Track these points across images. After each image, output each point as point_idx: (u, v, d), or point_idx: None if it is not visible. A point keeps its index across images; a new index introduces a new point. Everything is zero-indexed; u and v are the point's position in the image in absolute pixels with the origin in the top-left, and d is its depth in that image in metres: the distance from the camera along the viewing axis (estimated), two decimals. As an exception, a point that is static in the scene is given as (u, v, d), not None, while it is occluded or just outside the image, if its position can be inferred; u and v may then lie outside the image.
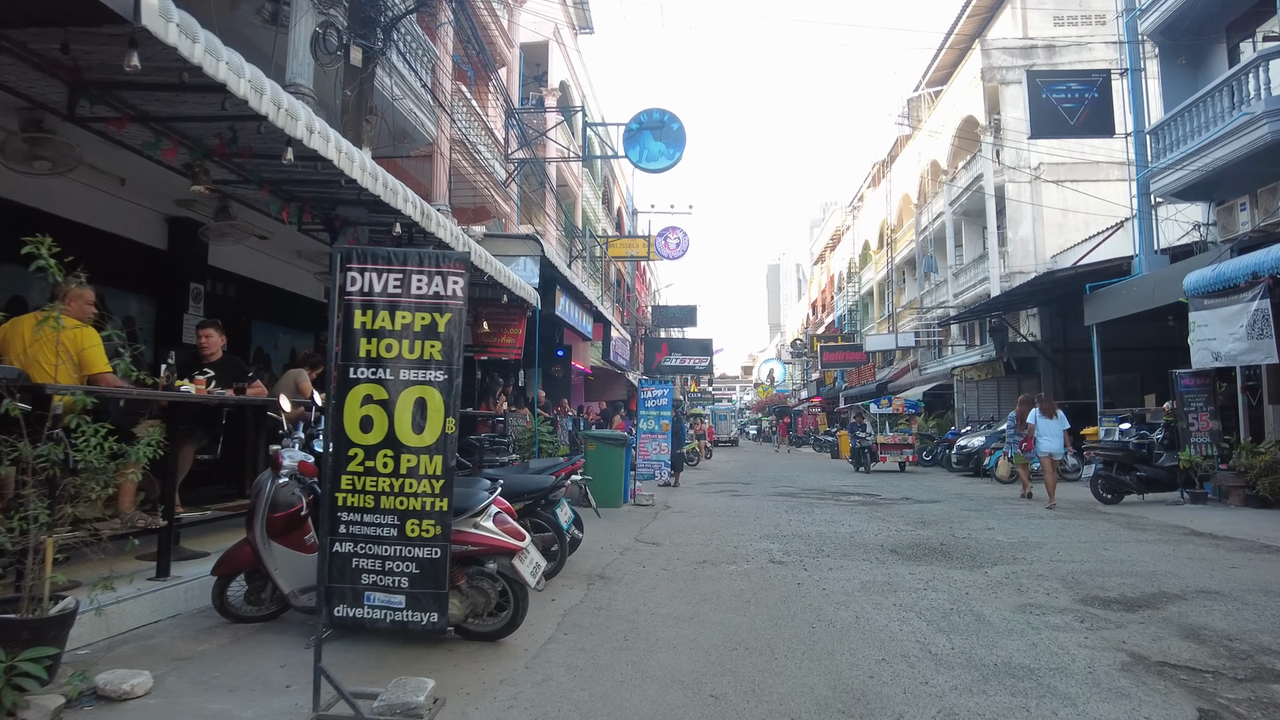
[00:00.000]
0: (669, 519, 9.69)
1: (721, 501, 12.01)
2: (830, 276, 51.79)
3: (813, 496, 12.88)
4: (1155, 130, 14.30)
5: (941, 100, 27.80)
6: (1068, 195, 23.06)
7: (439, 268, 3.21)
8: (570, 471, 6.30)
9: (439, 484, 3.15)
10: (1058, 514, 9.89)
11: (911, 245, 31.71)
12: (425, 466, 3.14)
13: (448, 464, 3.17)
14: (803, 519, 9.61)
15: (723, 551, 7.18)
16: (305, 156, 5.67)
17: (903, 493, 13.41)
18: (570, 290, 14.06)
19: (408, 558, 3.13)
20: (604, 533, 8.28)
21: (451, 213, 12.16)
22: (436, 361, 3.21)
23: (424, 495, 3.13)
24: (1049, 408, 11.21)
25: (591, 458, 10.71)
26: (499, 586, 4.07)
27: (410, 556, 3.13)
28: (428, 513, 3.14)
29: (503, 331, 11.22)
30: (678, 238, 23.04)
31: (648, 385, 11.99)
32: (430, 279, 3.20)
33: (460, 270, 3.25)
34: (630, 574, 6.11)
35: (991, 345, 23.04)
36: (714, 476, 18.81)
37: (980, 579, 5.87)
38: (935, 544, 7.59)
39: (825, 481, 16.49)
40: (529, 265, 11.59)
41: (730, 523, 9.29)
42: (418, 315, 3.18)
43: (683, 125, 14.37)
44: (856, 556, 6.90)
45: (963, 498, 12.40)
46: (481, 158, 13.49)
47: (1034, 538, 7.92)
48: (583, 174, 23.88)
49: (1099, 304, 14.53)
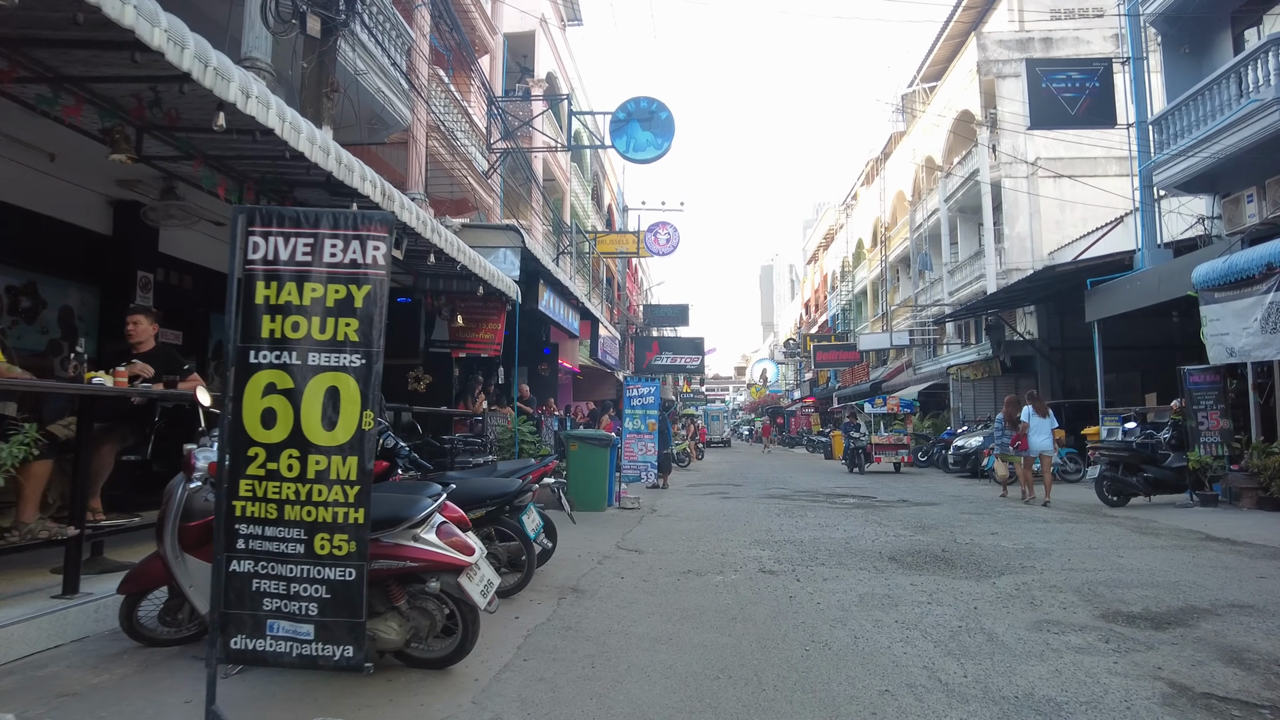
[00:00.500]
0: (654, 523, 9.17)
1: (711, 504, 11.49)
2: (823, 275, 51.39)
3: (806, 499, 12.38)
4: (1158, 120, 13.86)
5: (936, 95, 27.38)
6: (1065, 190, 22.67)
7: (358, 230, 2.68)
8: (542, 474, 5.77)
9: (353, 491, 2.61)
10: (1064, 518, 9.41)
11: (905, 243, 31.29)
12: (337, 470, 2.61)
13: (364, 467, 2.64)
14: (795, 523, 9.10)
15: (709, 560, 6.65)
16: (244, 129, 5.14)
17: (899, 495, 12.92)
18: (555, 285, 13.52)
19: (317, 579, 2.60)
20: (584, 539, 7.75)
21: (428, 203, 11.62)
22: (352, 343, 2.68)
23: (335, 504, 2.60)
24: (1041, 406, 11.22)
25: (574, 459, 10.18)
26: (446, 608, 3.53)
27: (320, 578, 2.60)
28: (340, 526, 2.61)
29: (481, 326, 10.68)
30: (668, 233, 22.51)
31: (633, 383, 11.45)
32: (347, 244, 2.67)
33: (383, 234, 2.72)
34: (606, 586, 5.57)
35: (988, 343, 22.61)
36: (704, 478, 18.31)
37: (989, 591, 5.36)
38: (937, 551, 7.09)
39: (819, 483, 16.00)
40: (509, 257, 11.05)
41: (719, 527, 8.77)
42: (330, 287, 2.66)
43: (671, 114, 13.86)
44: (853, 565, 6.38)
45: (962, 500, 11.91)
46: (460, 145, 12.94)
47: (1041, 544, 7.42)
48: (571, 169, 23.35)
49: (1101, 300, 14.08)
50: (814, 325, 52.04)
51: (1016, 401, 11.92)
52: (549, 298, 13.49)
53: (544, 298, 13.13)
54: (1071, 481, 14.41)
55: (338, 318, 2.66)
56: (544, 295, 13.12)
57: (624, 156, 14.36)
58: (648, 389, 11.32)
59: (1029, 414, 11.29)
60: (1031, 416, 11.21)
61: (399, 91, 10.72)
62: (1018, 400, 11.90)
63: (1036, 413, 11.21)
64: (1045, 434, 11.09)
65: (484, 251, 10.91)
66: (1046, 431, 11.10)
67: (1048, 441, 11.04)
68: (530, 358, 18.32)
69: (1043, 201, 22.50)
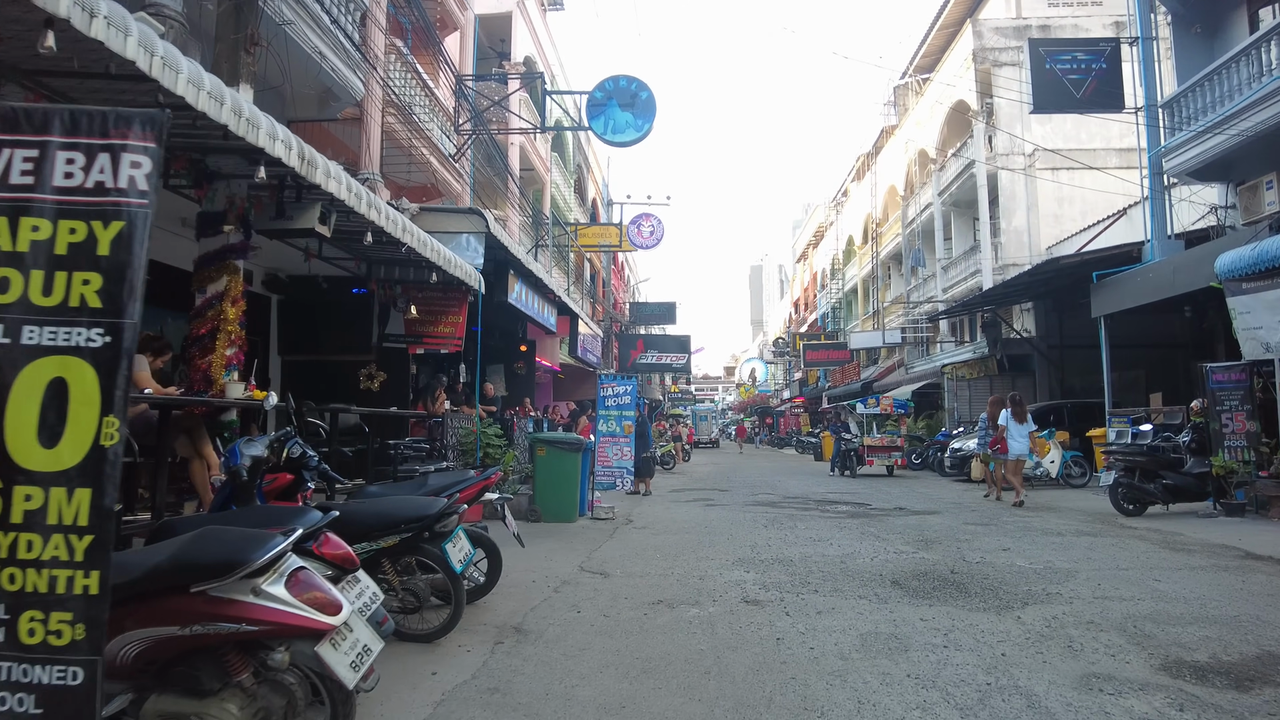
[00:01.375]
0: (627, 537, 8.24)
1: (693, 514, 10.58)
2: (813, 274, 50.63)
3: (795, 506, 11.49)
4: (1169, 103, 13.07)
5: (930, 86, 26.59)
6: (1064, 183, 21.92)
7: (107, 137, 1.76)
8: (479, 490, 4.82)
9: (83, 544, 1.69)
10: (1079, 530, 8.56)
11: (897, 239, 30.51)
12: (59, 509, 1.69)
13: (102, 505, 1.71)
14: (784, 536, 8.19)
15: (685, 585, 5.73)
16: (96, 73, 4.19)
17: (895, 501, 12.06)
18: (527, 276, 12.56)
19: (22, 684, 1.67)
20: (543, 558, 6.82)
21: (382, 184, 10.65)
22: (92, 311, 1.76)
23: (55, 565, 1.68)
24: (1020, 411, 11.33)
25: (542, 465, 9.24)
26: (309, 682, 2.60)
27: (25, 683, 1.67)
28: (60, 599, 1.68)
29: (440, 319, 9.73)
30: (652, 225, 21.58)
31: (608, 381, 10.46)
32: (90, 158, 1.75)
33: (145, 143, 1.80)
34: (557, 624, 4.64)
35: (984, 341, 21.81)
36: (689, 482, 17.40)
37: (1015, 629, 4.47)
38: (945, 572, 6.20)
39: (809, 488, 15.13)
40: (472, 243, 10.10)
41: (699, 542, 7.85)
42: (62, 226, 1.73)
43: (652, 94, 12.93)
44: (851, 592, 5.48)
45: (963, 508, 11.05)
46: (423, 124, 11.96)
47: (1062, 563, 6.55)
48: (551, 159, 22.39)
49: (1108, 294, 13.27)
50: (803, 324, 51.27)
51: (1000, 401, 11.86)
52: (521, 290, 12.53)
53: (515, 290, 12.17)
54: (1077, 486, 13.59)
55: (71, 272, 1.73)
56: (515, 287, 12.16)
57: (602, 139, 13.43)
58: (624, 387, 10.34)
59: (1006, 418, 11.28)
60: (1010, 421, 11.22)
61: (349, 61, 9.75)
62: (1001, 400, 11.84)
63: (1015, 418, 11.23)
64: (1023, 439, 11.23)
65: (445, 238, 9.97)
66: (1024, 436, 11.24)
67: (1024, 446, 11.22)
68: (506, 355, 17.33)
69: (1041, 195, 21.75)
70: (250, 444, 4.05)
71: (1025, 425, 11.29)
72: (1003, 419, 11.39)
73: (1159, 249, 13.00)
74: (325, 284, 10.24)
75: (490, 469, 5.01)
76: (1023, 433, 11.24)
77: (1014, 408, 11.36)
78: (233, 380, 5.97)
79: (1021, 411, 11.36)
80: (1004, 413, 11.45)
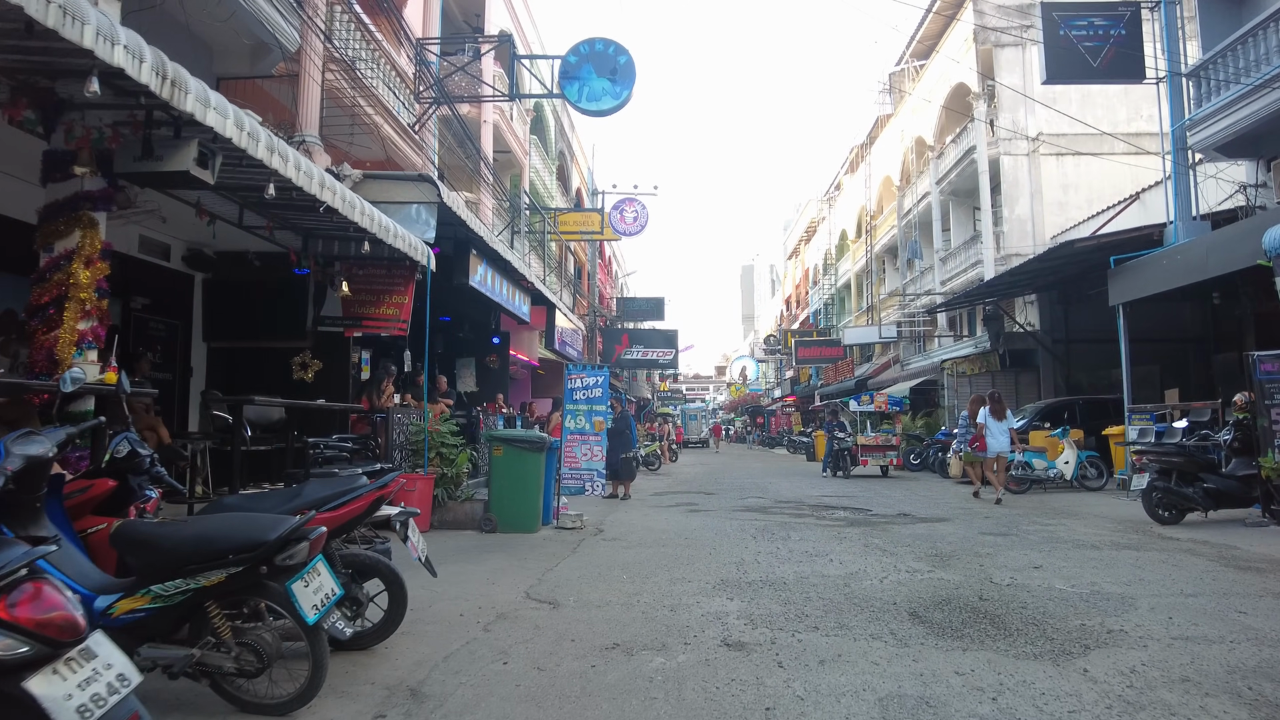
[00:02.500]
0: (593, 552, 7.06)
1: (673, 520, 9.41)
2: (805, 270, 49.58)
3: (788, 511, 10.34)
4: (1195, 72, 12.01)
5: (928, 70, 25.54)
6: (1069, 170, 20.91)
7: None
8: (368, 503, 3.61)
9: None
10: (1114, 541, 7.44)
11: (893, 231, 29.46)
12: None
13: None
14: (776, 550, 7.03)
15: (651, 620, 4.56)
16: None
17: (897, 506, 10.93)
18: (492, 258, 11.36)
19: None
20: (483, 581, 5.64)
21: (321, 148, 9.44)
22: None
23: None
24: (999, 408, 11.41)
25: (498, 467, 8.05)
26: None
27: None
28: None
29: (381, 299, 8.53)
30: (635, 211, 20.36)
31: (576, 372, 9.20)
32: None
33: None
34: (471, 684, 3.46)
35: (985, 336, 20.74)
36: (673, 484, 16.25)
37: (1086, 690, 3.32)
38: (971, 598, 5.06)
39: (802, 490, 13.99)
40: (423, 215, 8.90)
41: (676, 558, 6.68)
42: None
43: (631, 59, 11.74)
44: (860, 628, 4.33)
45: (974, 514, 9.94)
46: (372, 84, 10.74)
47: (1110, 585, 5.42)
48: (530, 141, 21.17)
49: (1128, 279, 12.18)
50: (795, 322, 50.22)
51: (981, 399, 12.03)
52: (486, 273, 11.33)
53: (478, 272, 10.97)
54: (1093, 489, 12.51)
55: None
56: (478, 269, 10.96)
57: (576, 107, 12.22)
58: (594, 379, 9.10)
59: (985, 415, 11.36)
60: (988, 418, 11.29)
61: (282, 4, 8.54)
62: (981, 398, 11.99)
63: (993, 415, 11.30)
64: (1002, 435, 11.24)
65: (392, 209, 8.78)
66: (1004, 433, 11.26)
67: (1003, 442, 11.23)
68: (477, 348, 16.14)
69: (1045, 181, 20.72)
70: (25, 440, 2.85)
71: (1005, 422, 11.31)
72: (981, 416, 11.44)
73: (1183, 230, 11.93)
74: (258, 261, 9.04)
75: (391, 473, 3.80)
76: (1002, 430, 11.26)
77: (993, 405, 11.40)
78: (87, 360, 4.77)
79: (1000, 409, 11.39)
80: (982, 410, 11.51)
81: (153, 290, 8.33)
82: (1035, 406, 16.03)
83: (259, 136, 5.16)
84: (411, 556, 3.71)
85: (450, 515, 8.28)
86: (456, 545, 7.22)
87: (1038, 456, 12.58)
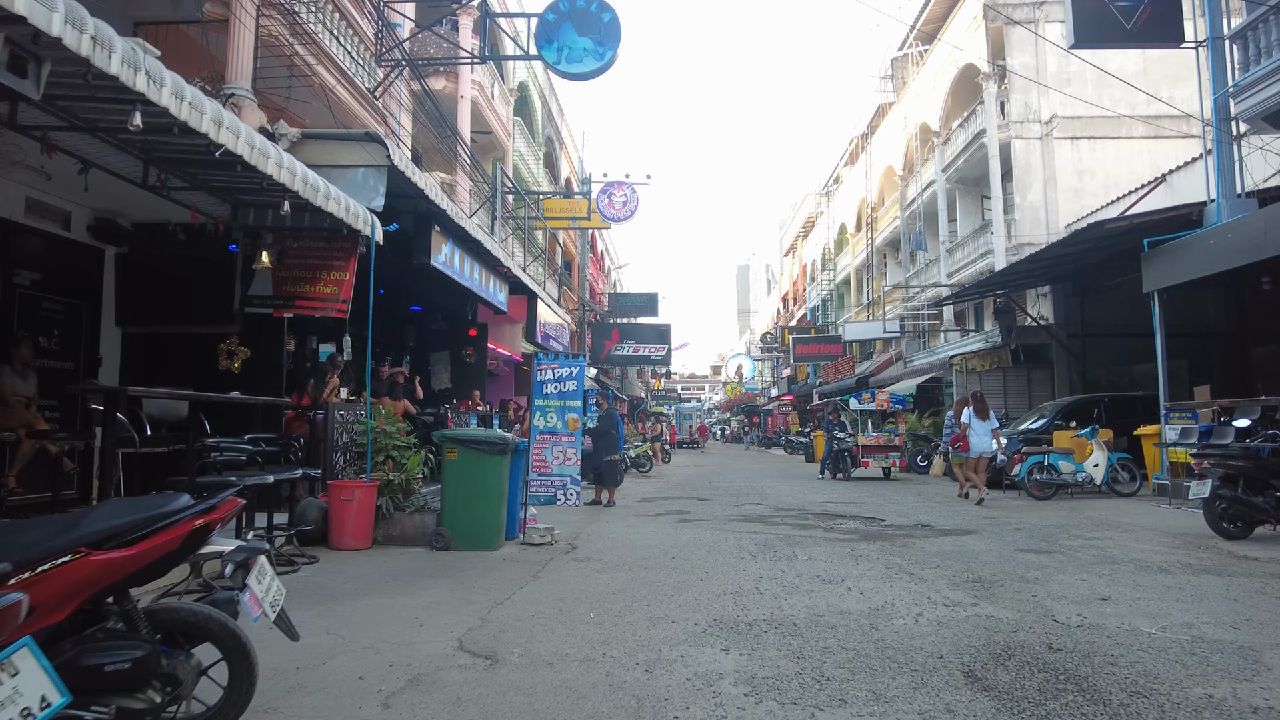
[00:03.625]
0: (559, 577, 5.84)
1: (660, 533, 8.19)
2: (802, 266, 48.43)
3: (791, 521, 9.15)
4: (1240, 34, 10.85)
5: (934, 53, 24.36)
6: (1084, 155, 19.77)
7: None
8: (172, 542, 2.33)
9: None
10: (1182, 561, 6.26)
11: (895, 223, 28.30)
12: None
13: None
14: (781, 575, 5.84)
15: (617, 689, 3.34)
16: None
17: (912, 514, 9.75)
18: (459, 236, 10.14)
19: None
20: (408, 623, 4.42)
21: (255, 104, 8.20)
22: None
23: None
24: (982, 409, 11.43)
25: (451, 473, 6.82)
26: None
27: None
28: None
29: (317, 276, 7.29)
30: (624, 195, 19.11)
31: (545, 361, 7.91)
32: None
33: None
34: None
35: (995, 329, 19.60)
36: (664, 488, 15.04)
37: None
38: (1039, 647, 3.87)
39: (804, 495, 12.79)
40: (370, 180, 7.68)
41: (659, 586, 5.48)
42: None
43: (616, 16, 10.52)
44: (906, 703, 3.12)
45: (1000, 524, 8.76)
46: (313, 33, 9.50)
47: (1209, 626, 4.24)
48: (514, 124, 19.94)
49: (1164, 263, 11.01)
50: (792, 319, 49.05)
51: (965, 400, 12.16)
52: (452, 253, 10.11)
53: (443, 251, 9.75)
54: (1125, 495, 11.34)
55: None
56: (442, 248, 9.74)
57: (554, 70, 10.97)
58: (567, 369, 7.80)
59: (969, 415, 11.40)
60: (972, 418, 11.31)
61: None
62: (966, 399, 12.10)
63: (977, 415, 11.33)
64: (985, 435, 11.28)
65: (335, 173, 7.58)
66: (987, 433, 11.30)
67: (986, 442, 11.28)
68: (452, 341, 14.92)
69: (1059, 166, 19.57)
70: None
71: (988, 423, 11.34)
72: (965, 416, 11.49)
73: (1227, 209, 10.75)
74: (183, 234, 7.80)
75: (220, 495, 2.55)
76: (985, 430, 11.29)
77: (976, 405, 11.45)
78: None
79: (984, 408, 11.44)
80: (966, 410, 11.56)
81: (47, 264, 7.09)
82: (1056, 404, 14.86)
83: (112, 47, 3.94)
84: (251, 616, 2.50)
85: (397, 529, 7.06)
86: (395, 568, 6.00)
87: (1064, 459, 11.41)
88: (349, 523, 6.72)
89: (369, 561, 6.27)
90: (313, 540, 6.89)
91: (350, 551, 6.68)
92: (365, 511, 6.80)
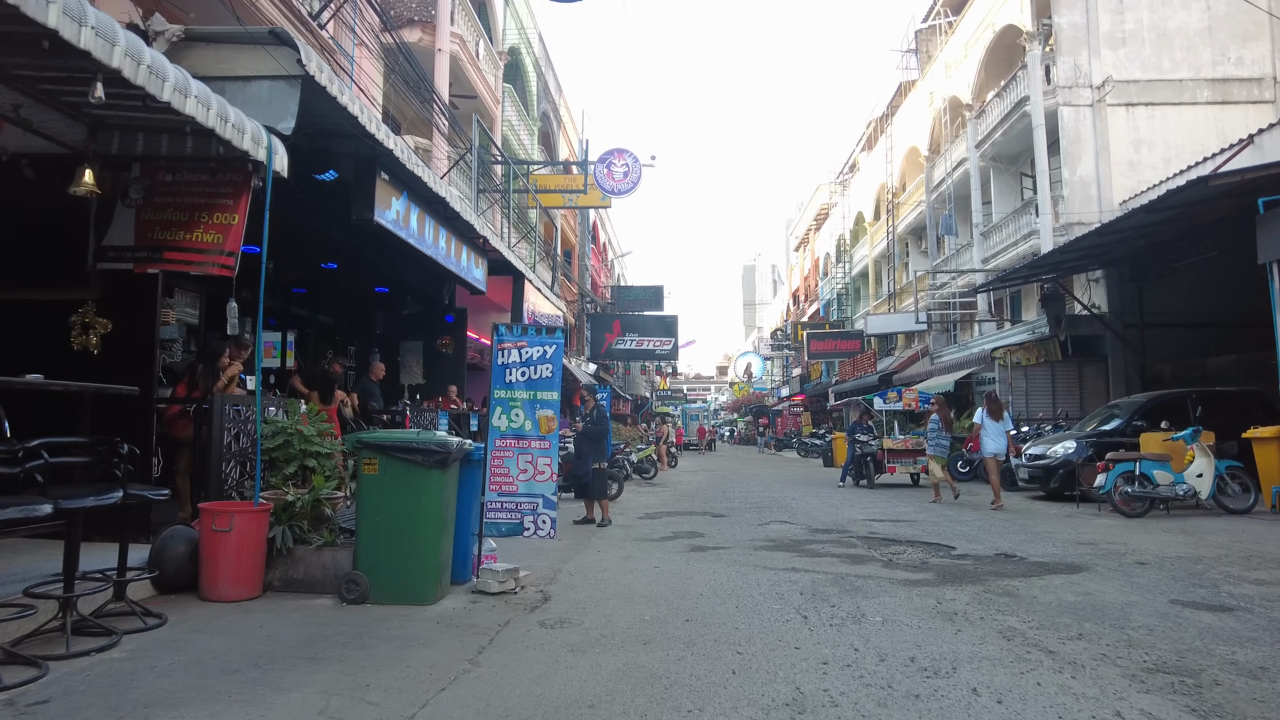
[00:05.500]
0: (512, 664, 3.81)
1: (668, 571, 6.15)
2: (814, 260, 46.33)
3: (835, 549, 7.11)
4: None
5: (965, 18, 22.29)
6: (1140, 124, 17.69)
7: None
8: None
9: None
10: None
11: (920, 208, 26.24)
12: None
13: None
14: (855, 656, 3.80)
15: None
16: None
17: (982, 538, 7.70)
18: (419, 191, 8.14)
19: None
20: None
21: (139, 12, 6.21)
22: None
23: None
24: (996, 409, 11.10)
25: (370, 493, 4.79)
26: None
27: None
28: None
29: (194, 220, 5.28)
30: (625, 165, 17.06)
31: (509, 338, 5.78)
32: None
33: None
34: None
35: (1041, 319, 17.54)
36: (671, 499, 12.97)
37: None
38: None
39: (837, 509, 10.74)
40: (278, 95, 5.66)
41: (668, 685, 3.45)
42: None
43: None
44: None
45: (1111, 554, 6.70)
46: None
47: None
48: (504, 91, 17.96)
49: (1288, 227, 8.96)
50: (804, 316, 46.93)
51: (944, 402, 11.92)
52: (406, 210, 8.09)
53: (392, 207, 7.73)
54: (1237, 512, 9.25)
55: None
56: (392, 203, 7.73)
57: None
58: (538, 348, 5.72)
59: (982, 416, 11.14)
60: (985, 419, 11.02)
61: None
62: (945, 401, 11.87)
63: (990, 415, 11.00)
64: (999, 436, 10.96)
65: (231, 87, 5.61)
66: (1000, 434, 10.97)
67: (999, 444, 10.96)
68: (425, 328, 12.91)
69: (1113, 137, 17.48)
70: None
71: (1001, 423, 10.96)
72: (978, 417, 11.28)
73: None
74: (32, 170, 5.82)
75: None
76: (999, 431, 10.94)
77: (989, 405, 11.17)
78: None
79: (998, 409, 11.11)
80: (979, 411, 11.35)
81: None
82: (1133, 401, 12.79)
83: None
84: None
85: (300, 570, 5.05)
86: (271, 637, 3.99)
87: (1160, 467, 9.35)
88: (224, 563, 4.73)
89: (240, 625, 4.27)
90: (183, 586, 4.91)
91: (226, 604, 4.68)
92: (250, 547, 4.80)
